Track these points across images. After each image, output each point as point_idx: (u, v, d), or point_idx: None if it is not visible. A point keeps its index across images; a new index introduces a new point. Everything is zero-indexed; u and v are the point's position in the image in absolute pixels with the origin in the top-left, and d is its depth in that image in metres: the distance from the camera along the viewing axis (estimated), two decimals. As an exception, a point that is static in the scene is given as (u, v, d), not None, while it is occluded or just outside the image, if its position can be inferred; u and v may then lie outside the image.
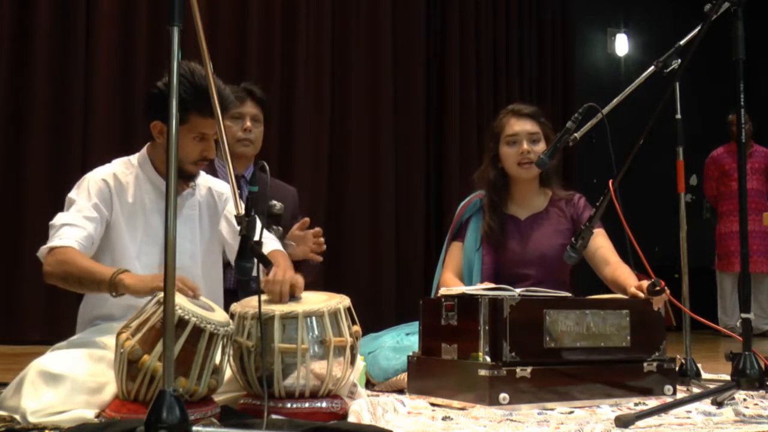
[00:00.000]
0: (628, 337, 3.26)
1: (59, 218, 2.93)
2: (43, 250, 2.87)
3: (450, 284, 3.72)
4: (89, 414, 2.44)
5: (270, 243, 3.10)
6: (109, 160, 3.15)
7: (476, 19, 8.58)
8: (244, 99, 3.98)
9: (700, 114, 8.87)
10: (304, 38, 7.41)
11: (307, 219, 3.62)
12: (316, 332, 2.64)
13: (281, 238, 2.94)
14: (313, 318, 2.64)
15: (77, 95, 6.27)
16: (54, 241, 2.85)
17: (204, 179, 3.24)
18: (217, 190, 3.24)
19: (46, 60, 6.19)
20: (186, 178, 3.07)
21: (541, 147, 3.80)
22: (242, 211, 2.48)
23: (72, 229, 2.87)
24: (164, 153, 2.88)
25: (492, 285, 3.36)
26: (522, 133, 3.84)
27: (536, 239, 3.85)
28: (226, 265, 3.33)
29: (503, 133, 3.88)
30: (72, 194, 3.01)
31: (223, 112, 2.78)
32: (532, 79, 9.02)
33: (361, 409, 2.66)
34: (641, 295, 3.36)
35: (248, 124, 3.95)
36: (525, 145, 3.81)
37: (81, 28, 6.32)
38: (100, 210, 2.96)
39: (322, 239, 3.59)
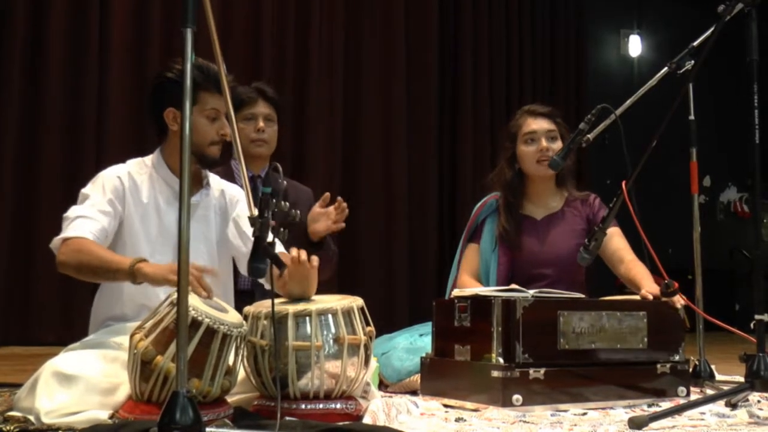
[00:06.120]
0: (646, 339, 3.25)
1: (73, 211, 2.94)
2: (56, 240, 2.87)
3: (468, 286, 3.71)
4: (103, 415, 2.44)
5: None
6: (123, 161, 3.16)
7: (489, 20, 8.59)
8: (256, 99, 3.98)
9: (715, 115, 8.86)
10: (317, 39, 7.42)
11: (327, 194, 3.63)
12: (330, 330, 2.64)
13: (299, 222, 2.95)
14: (327, 315, 2.64)
15: (91, 95, 6.29)
16: (68, 232, 2.86)
17: (217, 182, 3.26)
18: (229, 193, 3.26)
19: (61, 60, 6.21)
20: (208, 164, 3.10)
21: (558, 145, 3.80)
22: (256, 213, 2.49)
23: (86, 221, 2.88)
24: (179, 141, 2.91)
25: (515, 287, 3.34)
26: (540, 131, 3.84)
27: (552, 239, 3.85)
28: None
29: (521, 132, 3.88)
30: (86, 189, 3.02)
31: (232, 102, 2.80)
32: (545, 80, 9.02)
33: (377, 409, 2.67)
34: (650, 297, 3.36)
35: (261, 124, 3.95)
36: (544, 143, 3.81)
37: (95, 28, 6.34)
38: (114, 205, 2.98)
39: (344, 204, 3.62)
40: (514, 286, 3.32)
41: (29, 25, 6.17)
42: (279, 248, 3.12)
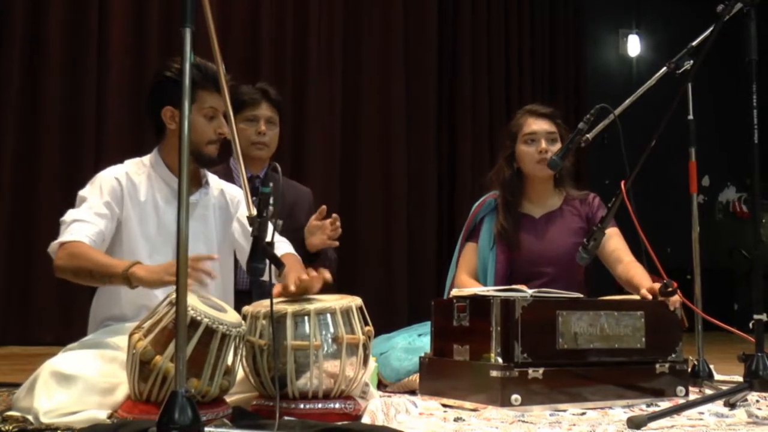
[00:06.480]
0: (643, 339, 3.25)
1: (70, 214, 2.93)
2: (53, 245, 2.87)
3: (466, 285, 3.71)
4: (101, 415, 2.44)
5: (282, 246, 3.11)
6: (122, 161, 3.16)
7: (488, 20, 8.59)
8: (259, 101, 3.96)
9: (714, 115, 8.86)
10: (316, 38, 7.42)
11: (324, 207, 3.63)
12: (329, 329, 2.64)
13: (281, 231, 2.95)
14: (326, 315, 2.64)
15: (90, 96, 6.30)
16: (65, 236, 2.86)
17: (216, 182, 3.26)
18: (229, 193, 3.26)
19: (59, 61, 6.22)
20: (205, 162, 3.10)
21: (557, 147, 3.80)
22: (254, 212, 2.48)
23: (83, 225, 2.88)
24: (177, 140, 2.91)
25: (516, 287, 3.34)
26: (540, 132, 3.84)
27: (551, 237, 3.85)
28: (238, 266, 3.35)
29: (521, 132, 3.88)
30: (84, 192, 3.02)
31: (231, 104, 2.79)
32: (544, 80, 9.02)
33: (376, 409, 2.67)
34: (650, 297, 3.36)
35: (263, 127, 3.93)
36: (543, 144, 3.82)
37: (93, 29, 6.35)
38: (111, 208, 2.97)
39: (338, 224, 3.62)
40: (518, 286, 3.32)
41: (28, 25, 6.18)
42: (288, 248, 3.14)
